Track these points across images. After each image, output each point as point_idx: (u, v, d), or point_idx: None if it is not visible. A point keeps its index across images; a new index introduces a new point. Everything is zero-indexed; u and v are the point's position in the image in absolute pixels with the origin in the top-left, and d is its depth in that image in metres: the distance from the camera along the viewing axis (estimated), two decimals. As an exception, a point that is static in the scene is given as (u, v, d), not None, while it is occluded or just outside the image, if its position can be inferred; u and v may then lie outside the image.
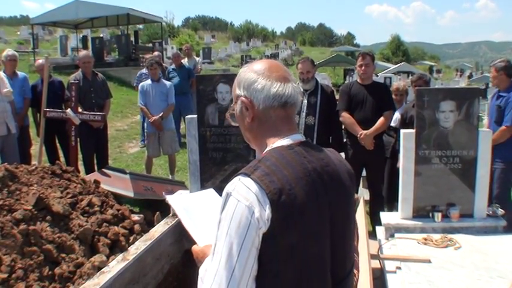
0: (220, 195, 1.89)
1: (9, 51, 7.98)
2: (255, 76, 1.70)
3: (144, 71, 11.30)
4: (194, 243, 1.98)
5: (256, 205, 1.47)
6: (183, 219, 2.08)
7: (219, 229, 1.52)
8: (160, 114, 8.22)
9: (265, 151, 1.66)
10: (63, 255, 3.80)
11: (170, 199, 2.22)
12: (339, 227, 1.66)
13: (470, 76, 49.82)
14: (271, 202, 1.47)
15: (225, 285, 1.46)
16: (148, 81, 8.50)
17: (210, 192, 2.37)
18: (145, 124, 8.84)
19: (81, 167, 7.80)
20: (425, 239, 4.49)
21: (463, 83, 38.57)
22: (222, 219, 1.52)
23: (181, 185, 7.33)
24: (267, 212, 1.46)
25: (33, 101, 7.90)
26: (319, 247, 1.59)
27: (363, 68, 5.97)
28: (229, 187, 1.54)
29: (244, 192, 1.49)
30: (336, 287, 1.66)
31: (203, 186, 5.14)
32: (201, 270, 1.66)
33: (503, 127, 5.61)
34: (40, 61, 8.31)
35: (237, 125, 1.82)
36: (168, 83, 8.88)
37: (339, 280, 1.67)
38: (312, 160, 1.62)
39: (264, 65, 1.74)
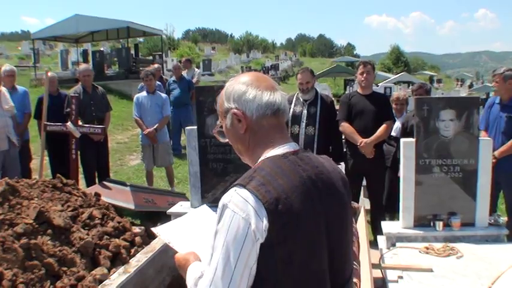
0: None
1: (6, 67, 7.98)
2: (244, 87, 1.71)
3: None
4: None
5: (252, 217, 1.47)
6: (172, 244, 2.05)
7: (216, 240, 1.52)
8: (154, 127, 8.21)
9: (259, 161, 1.67)
10: (65, 268, 3.79)
11: (157, 230, 2.16)
12: (336, 234, 1.66)
13: (470, 86, 49.90)
14: (268, 212, 1.47)
15: None
16: (144, 93, 8.49)
17: (203, 209, 2.35)
18: (139, 136, 8.83)
19: (81, 180, 7.80)
20: (427, 248, 4.48)
21: (463, 93, 38.60)
22: (218, 231, 1.52)
23: (182, 197, 7.32)
24: (264, 222, 1.47)
25: (40, 114, 7.89)
26: (316, 255, 1.59)
27: (364, 75, 5.97)
28: (225, 198, 1.54)
29: (240, 203, 1.49)
30: None
31: (204, 198, 5.14)
32: (190, 278, 1.69)
33: None
34: (50, 74, 8.34)
35: (226, 140, 1.83)
36: (163, 95, 8.85)
37: (338, 287, 1.67)
38: (307, 168, 1.62)
39: (250, 76, 1.76)
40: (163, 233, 2.10)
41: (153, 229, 2.15)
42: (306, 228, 1.54)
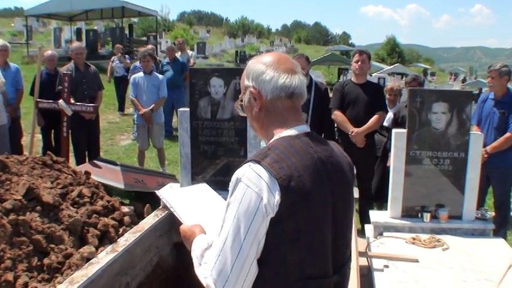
0: (214, 189, 1.85)
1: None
2: (264, 67, 1.75)
3: (138, 64, 11.30)
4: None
5: (265, 191, 1.53)
6: (174, 208, 2.08)
7: (227, 212, 1.58)
8: (150, 107, 8.21)
9: (272, 140, 1.72)
10: (52, 245, 3.79)
11: (161, 192, 2.19)
12: (340, 215, 1.73)
13: (464, 80, 49.94)
14: (281, 188, 1.53)
15: (230, 265, 1.53)
16: (141, 74, 8.49)
17: (203, 186, 2.37)
18: (134, 116, 8.83)
19: (72, 158, 7.77)
20: (414, 239, 4.52)
21: (456, 87, 38.65)
22: (230, 203, 1.58)
23: (173, 178, 7.31)
24: (276, 198, 1.53)
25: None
26: (322, 233, 1.66)
27: (359, 63, 5.97)
28: (239, 172, 1.60)
29: (254, 178, 1.55)
30: (336, 272, 1.72)
31: (194, 180, 5.14)
32: (196, 250, 1.75)
33: (508, 134, 5.58)
34: (50, 52, 8.27)
35: (245, 115, 1.88)
36: (160, 75, 8.88)
37: (338, 266, 1.74)
38: (318, 150, 1.69)
39: (272, 57, 1.80)
40: (168, 197, 2.13)
41: (157, 192, 2.18)
42: (315, 206, 1.62)
